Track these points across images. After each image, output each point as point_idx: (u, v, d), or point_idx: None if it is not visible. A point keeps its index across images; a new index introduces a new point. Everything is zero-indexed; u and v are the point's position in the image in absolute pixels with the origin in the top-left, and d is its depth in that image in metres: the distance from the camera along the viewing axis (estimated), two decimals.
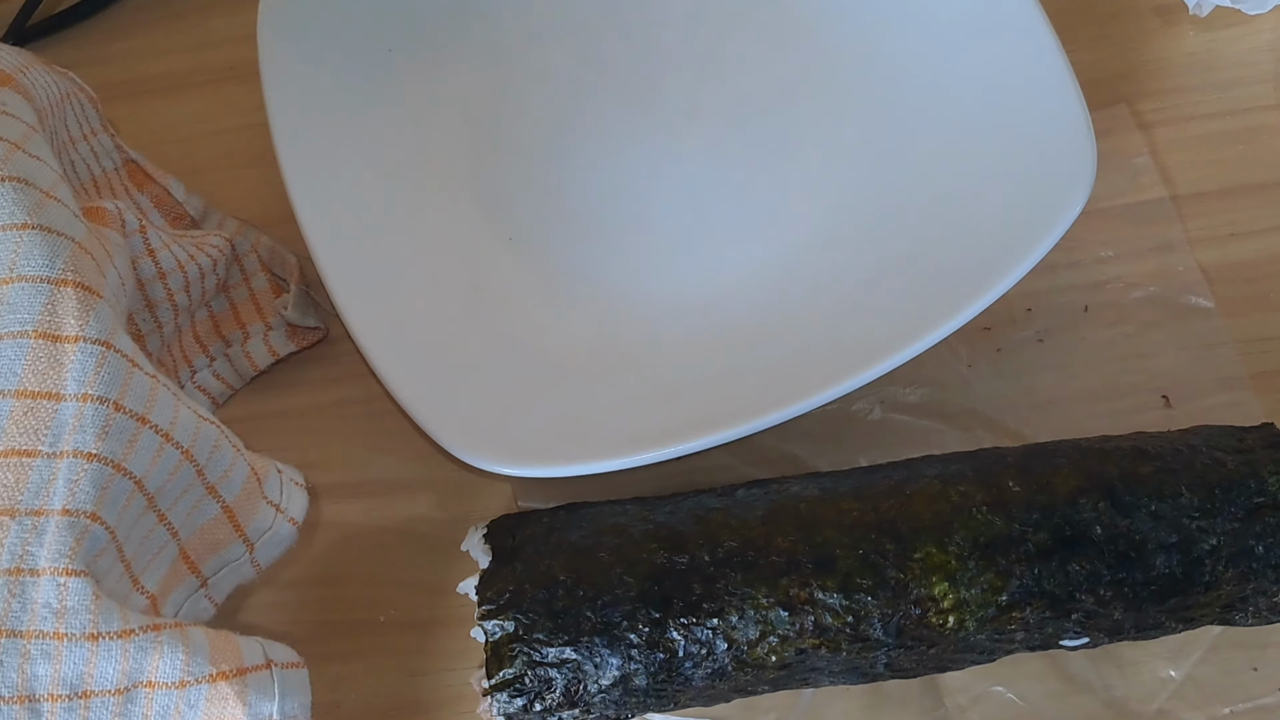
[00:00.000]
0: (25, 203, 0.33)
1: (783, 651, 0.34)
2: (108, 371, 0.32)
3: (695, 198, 0.46)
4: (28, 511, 0.31)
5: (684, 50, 0.49)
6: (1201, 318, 0.44)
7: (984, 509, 0.35)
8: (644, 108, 0.48)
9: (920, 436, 0.42)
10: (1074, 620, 0.35)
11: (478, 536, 0.37)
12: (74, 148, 0.43)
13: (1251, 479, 0.35)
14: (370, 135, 0.46)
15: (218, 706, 0.32)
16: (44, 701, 0.31)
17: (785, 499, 0.36)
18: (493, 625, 0.34)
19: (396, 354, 0.40)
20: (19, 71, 0.38)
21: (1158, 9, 0.51)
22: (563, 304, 0.44)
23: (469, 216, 0.46)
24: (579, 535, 0.36)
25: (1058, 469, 0.36)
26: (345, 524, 0.42)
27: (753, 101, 0.47)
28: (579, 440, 0.39)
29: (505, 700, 0.34)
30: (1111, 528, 0.34)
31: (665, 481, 0.41)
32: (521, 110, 0.48)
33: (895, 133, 0.45)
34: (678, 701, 0.35)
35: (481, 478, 0.42)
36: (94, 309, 0.33)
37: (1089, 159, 0.39)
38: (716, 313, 0.43)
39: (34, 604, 0.31)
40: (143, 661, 0.31)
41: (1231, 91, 0.48)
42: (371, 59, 0.48)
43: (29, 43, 0.53)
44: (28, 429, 0.32)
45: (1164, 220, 0.46)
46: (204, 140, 0.50)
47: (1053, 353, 0.43)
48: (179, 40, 0.53)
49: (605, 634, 0.34)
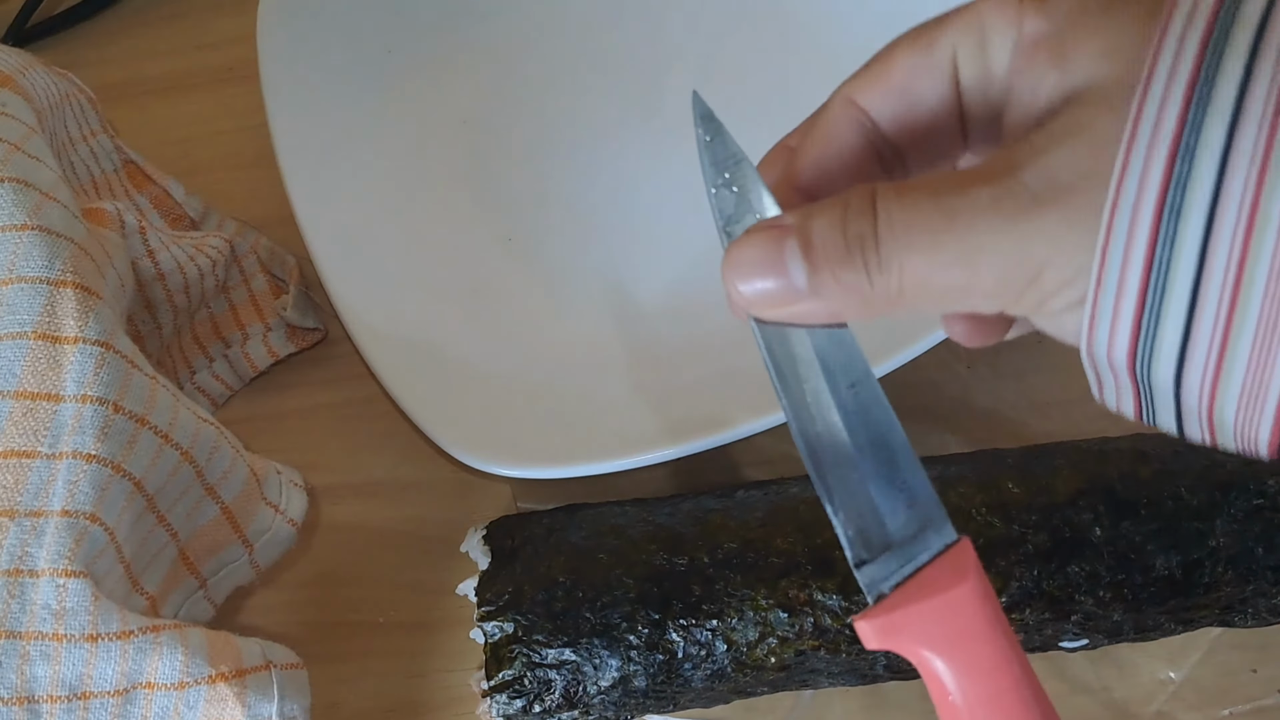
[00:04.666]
0: (25, 204, 0.33)
1: (782, 653, 0.34)
2: (107, 372, 0.32)
3: (694, 199, 0.46)
4: (27, 512, 0.31)
5: (684, 50, 0.49)
6: None
7: (983, 510, 0.35)
8: (643, 108, 0.48)
9: (919, 438, 0.42)
10: (1073, 622, 0.35)
11: (477, 538, 0.37)
12: (73, 149, 0.43)
13: (1251, 481, 0.35)
14: (370, 136, 0.46)
15: (217, 707, 0.32)
16: (43, 702, 0.31)
17: (784, 500, 0.36)
18: (492, 626, 0.34)
19: (396, 355, 0.40)
20: (18, 73, 0.38)
21: None
22: (562, 305, 0.44)
23: (468, 217, 0.46)
24: (578, 536, 0.36)
25: (1057, 470, 0.36)
26: (344, 525, 0.42)
27: (752, 102, 0.47)
28: (578, 441, 0.39)
29: (504, 701, 0.34)
30: (1111, 529, 0.34)
31: (664, 483, 0.41)
32: (521, 111, 0.48)
33: None
34: (677, 703, 0.35)
35: (481, 479, 0.42)
36: (93, 310, 0.33)
37: None
38: (716, 314, 0.43)
39: (33, 605, 0.31)
40: (142, 663, 0.31)
41: None
42: (371, 59, 0.48)
43: (29, 43, 0.53)
44: (27, 430, 0.32)
45: None
46: (204, 140, 0.50)
47: (1052, 354, 0.43)
48: (179, 40, 0.53)
49: (604, 635, 0.34)
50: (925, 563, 0.27)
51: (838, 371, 0.28)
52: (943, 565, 0.27)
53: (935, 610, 0.26)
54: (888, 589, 0.27)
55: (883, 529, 0.27)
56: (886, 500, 0.27)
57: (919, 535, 0.27)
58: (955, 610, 0.26)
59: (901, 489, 0.27)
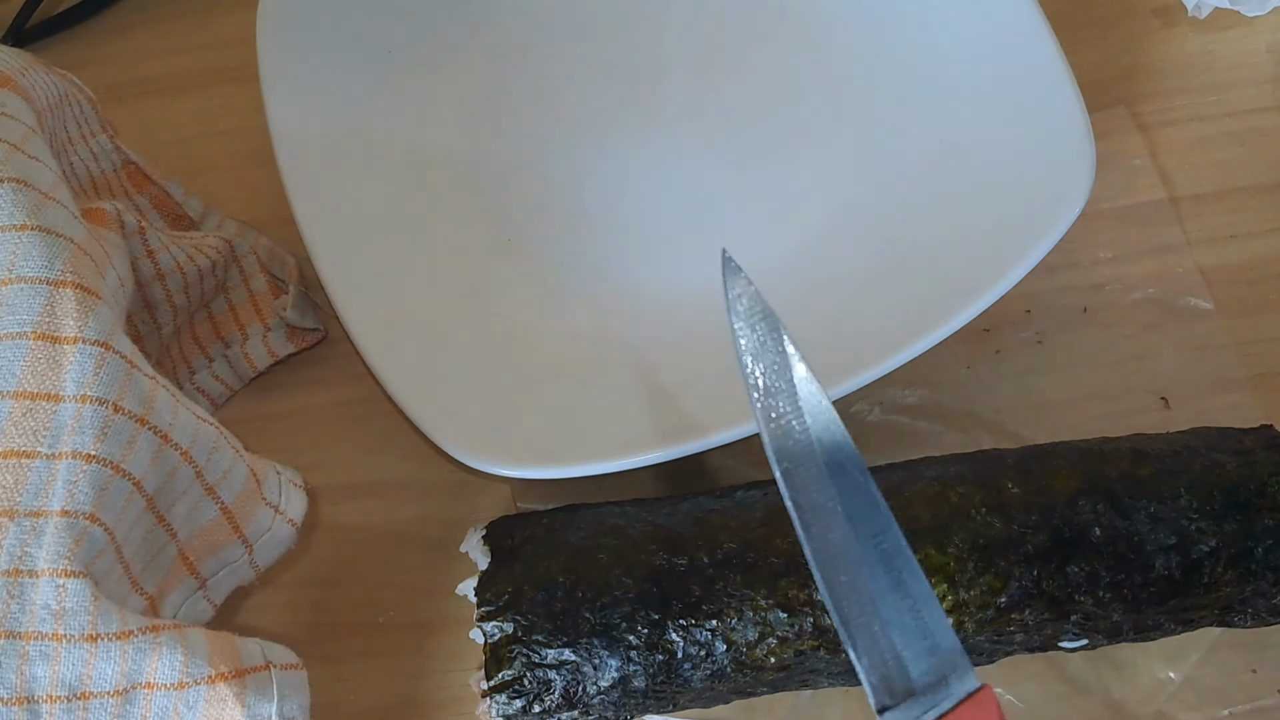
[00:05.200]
0: (24, 204, 0.33)
1: (782, 653, 0.34)
2: (106, 373, 0.32)
3: (694, 199, 0.46)
4: (26, 513, 0.31)
5: (684, 51, 0.49)
6: (1200, 319, 0.44)
7: (983, 510, 0.35)
8: (643, 109, 0.48)
9: (919, 438, 0.42)
10: (1073, 622, 0.35)
11: (477, 538, 0.37)
12: (73, 149, 0.43)
13: (1251, 481, 0.35)
14: (370, 136, 0.46)
15: (216, 708, 0.32)
16: (43, 703, 0.31)
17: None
18: (491, 627, 0.34)
19: (395, 355, 0.40)
20: (18, 73, 0.38)
21: (1157, 11, 0.51)
22: (562, 305, 0.44)
23: (468, 217, 0.46)
24: (578, 537, 0.36)
25: (1057, 470, 0.36)
26: (344, 525, 0.42)
27: (752, 102, 0.47)
28: (578, 441, 0.39)
29: (504, 701, 0.34)
30: (1110, 529, 0.34)
31: (664, 483, 0.41)
32: (521, 111, 0.48)
33: (895, 134, 0.45)
34: (676, 703, 0.35)
35: (480, 479, 0.42)
36: (93, 310, 0.33)
37: (1088, 161, 0.39)
38: (715, 314, 0.43)
39: (33, 605, 0.31)
40: (141, 663, 0.31)
41: (1230, 93, 0.48)
42: (371, 60, 0.48)
43: (28, 44, 0.53)
44: (26, 430, 0.32)
45: (1163, 222, 0.46)
46: (204, 141, 0.50)
47: (1052, 354, 0.43)
48: (179, 40, 0.53)
49: (604, 635, 0.34)
50: (948, 710, 0.27)
51: (861, 522, 0.29)
52: (965, 713, 0.27)
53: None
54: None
55: (906, 676, 0.28)
56: (910, 648, 0.28)
57: (942, 682, 0.28)
58: None
59: (925, 636, 0.28)
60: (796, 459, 0.29)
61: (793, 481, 0.29)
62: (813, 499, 0.29)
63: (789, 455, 0.29)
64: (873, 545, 0.29)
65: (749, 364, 0.30)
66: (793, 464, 0.29)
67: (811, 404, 0.29)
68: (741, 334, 0.30)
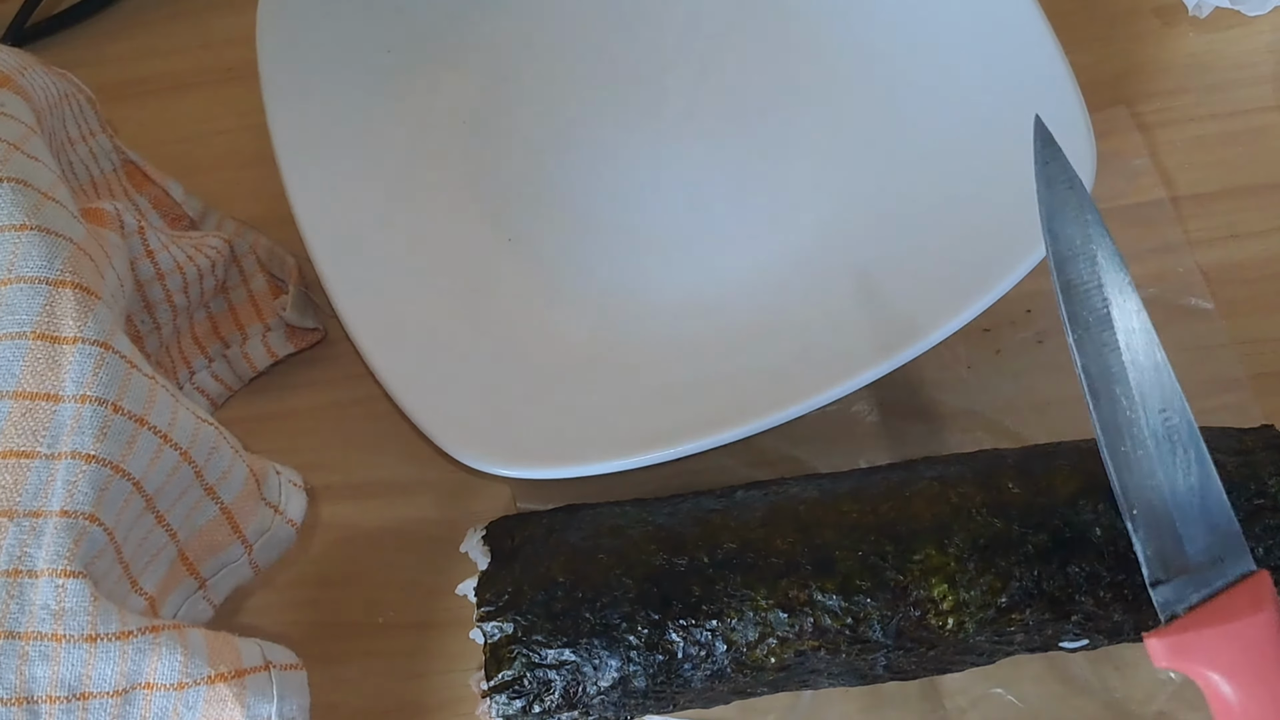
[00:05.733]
0: (24, 204, 0.33)
1: (782, 653, 0.34)
2: (106, 373, 0.32)
3: (695, 199, 0.46)
4: (26, 513, 0.31)
5: (684, 51, 0.49)
6: (1201, 319, 0.44)
7: (983, 510, 0.35)
8: (643, 109, 0.48)
9: (920, 438, 0.42)
10: (1073, 622, 0.35)
11: (476, 538, 0.37)
12: (72, 149, 0.43)
13: (1251, 481, 0.35)
14: (369, 136, 0.46)
15: (216, 708, 0.32)
16: (42, 703, 0.31)
17: (784, 500, 0.36)
18: (491, 627, 0.34)
19: (395, 355, 0.40)
20: (18, 72, 0.38)
21: (1158, 10, 0.51)
22: (562, 305, 0.44)
23: (468, 218, 0.46)
24: (578, 537, 0.36)
25: (1057, 470, 0.36)
26: (344, 525, 0.42)
27: (752, 103, 0.47)
28: (578, 441, 0.39)
29: (504, 702, 0.34)
30: (1111, 529, 0.34)
31: (664, 483, 0.41)
32: (521, 111, 0.48)
33: (895, 134, 0.45)
34: (676, 703, 0.35)
35: (480, 479, 0.42)
36: (92, 310, 0.33)
37: (1089, 160, 0.39)
38: (715, 314, 0.43)
39: (32, 605, 0.31)
40: (141, 663, 0.31)
41: (1231, 93, 0.48)
42: (371, 60, 0.48)
43: (28, 43, 0.53)
44: (26, 430, 0.32)
45: (1164, 222, 0.45)
46: (203, 140, 0.50)
47: (1052, 354, 0.43)
48: (179, 40, 0.53)
49: (604, 635, 0.34)
50: (1221, 589, 0.28)
51: (1150, 395, 0.29)
52: (1239, 594, 0.27)
53: (1229, 636, 0.27)
54: (1181, 610, 0.27)
55: (1181, 552, 0.28)
56: (1187, 525, 0.28)
57: (1217, 562, 0.28)
58: (1250, 639, 0.27)
59: (1204, 516, 0.29)
60: (1090, 326, 0.30)
61: (1084, 349, 0.29)
62: (1104, 366, 0.29)
63: (1082, 323, 0.30)
64: (1160, 420, 0.29)
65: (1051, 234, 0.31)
66: (1085, 331, 0.30)
67: (1112, 278, 0.30)
68: (1044, 201, 0.31)
